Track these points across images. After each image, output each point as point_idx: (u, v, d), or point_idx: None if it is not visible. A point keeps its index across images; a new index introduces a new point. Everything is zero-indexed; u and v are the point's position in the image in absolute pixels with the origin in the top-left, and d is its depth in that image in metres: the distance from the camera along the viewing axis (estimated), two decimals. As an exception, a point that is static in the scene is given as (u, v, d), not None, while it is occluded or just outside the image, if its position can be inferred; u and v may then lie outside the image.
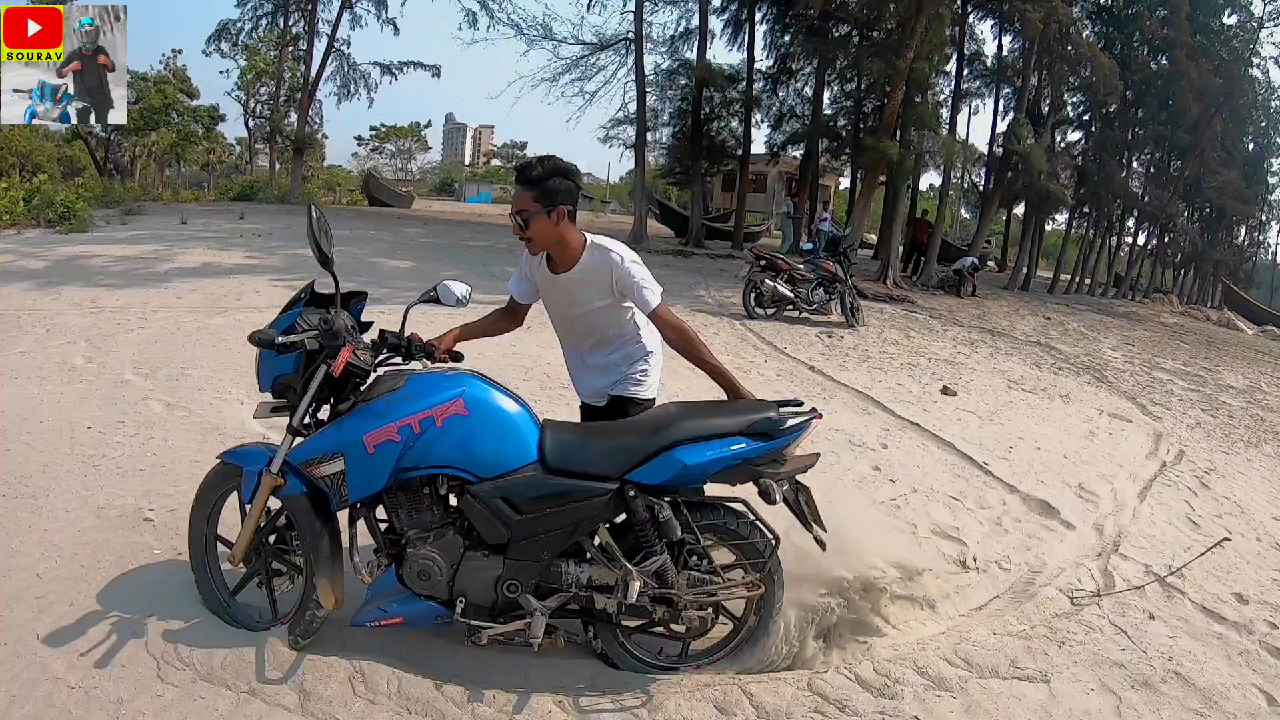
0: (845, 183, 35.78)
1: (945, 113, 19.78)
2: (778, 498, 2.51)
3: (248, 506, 2.58)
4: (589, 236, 2.70)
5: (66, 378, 5.26)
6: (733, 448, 2.46)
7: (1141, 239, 28.97)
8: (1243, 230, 38.00)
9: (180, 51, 32.41)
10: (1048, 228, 26.91)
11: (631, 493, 2.46)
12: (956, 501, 4.53)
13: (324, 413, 2.58)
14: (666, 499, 2.50)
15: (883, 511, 4.21)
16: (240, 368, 5.71)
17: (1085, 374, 9.84)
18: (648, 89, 20.52)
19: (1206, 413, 8.51)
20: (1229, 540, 4.38)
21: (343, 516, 2.59)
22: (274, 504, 2.65)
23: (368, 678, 2.48)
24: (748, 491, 2.59)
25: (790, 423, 2.55)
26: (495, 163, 74.79)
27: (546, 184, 2.56)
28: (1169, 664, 3.08)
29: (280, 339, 2.38)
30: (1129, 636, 3.25)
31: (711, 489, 2.62)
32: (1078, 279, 25.66)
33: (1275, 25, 24.45)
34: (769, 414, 2.53)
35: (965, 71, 20.52)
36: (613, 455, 2.48)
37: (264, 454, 2.58)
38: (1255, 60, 25.45)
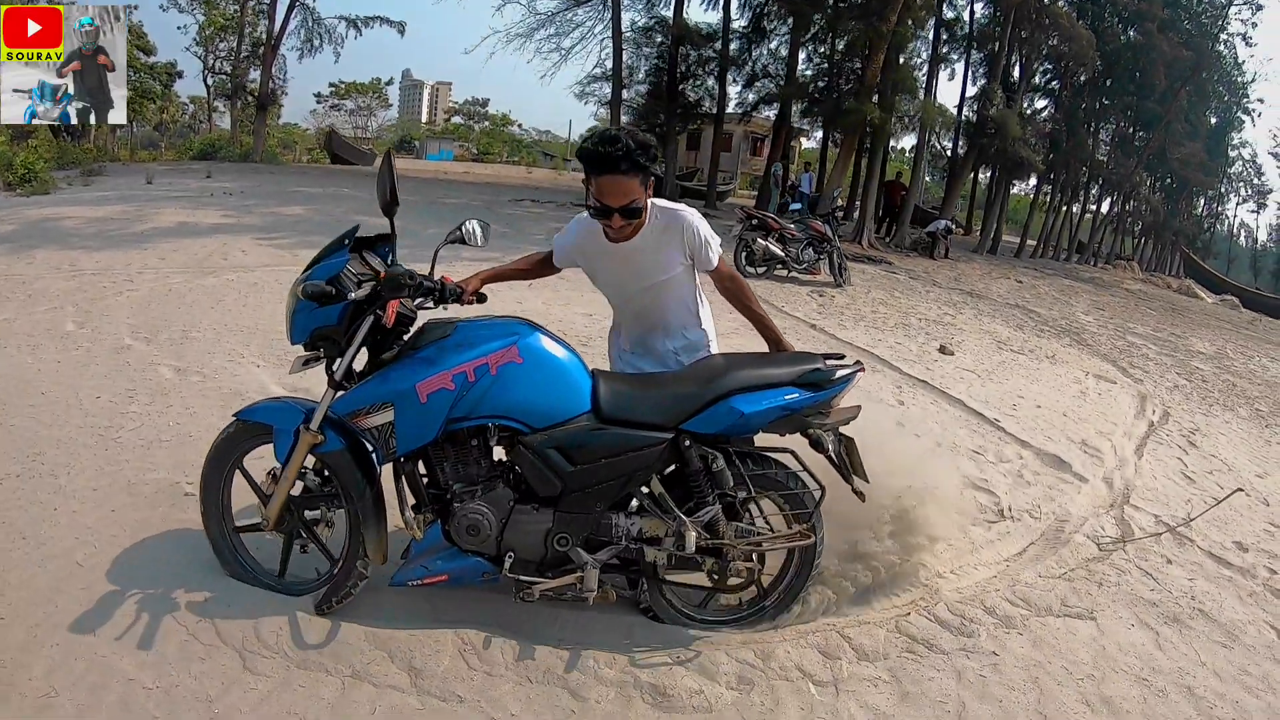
0: (808, 143, 35.94)
1: (920, 76, 19.90)
2: (830, 447, 2.53)
3: (279, 466, 2.47)
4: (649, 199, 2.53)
5: (60, 345, 4.95)
6: (786, 397, 2.47)
7: (1105, 207, 29.72)
8: (1201, 201, 39.11)
9: (136, 7, 31.00)
10: (1011, 192, 27.40)
11: (686, 442, 2.43)
12: (979, 455, 4.73)
13: (357, 363, 2.48)
14: (720, 450, 2.49)
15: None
16: (247, 330, 5.59)
17: (1065, 336, 10.16)
18: (623, 46, 20.31)
19: (1182, 377, 8.87)
20: (1241, 491, 4.64)
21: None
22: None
23: (479, 649, 2.42)
24: (790, 443, 2.62)
25: (838, 374, 2.56)
26: (456, 120, 73.09)
27: (651, 162, 2.39)
28: (1192, 602, 3.33)
29: (352, 296, 2.30)
30: (1154, 579, 3.48)
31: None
32: (1042, 244, 26.24)
33: (1244, 3, 25.00)
34: (818, 365, 2.54)
35: (942, 36, 20.59)
36: (668, 404, 2.45)
37: (292, 409, 2.47)
38: (1223, 37, 26.12)
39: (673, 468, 2.54)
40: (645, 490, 2.52)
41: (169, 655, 2.28)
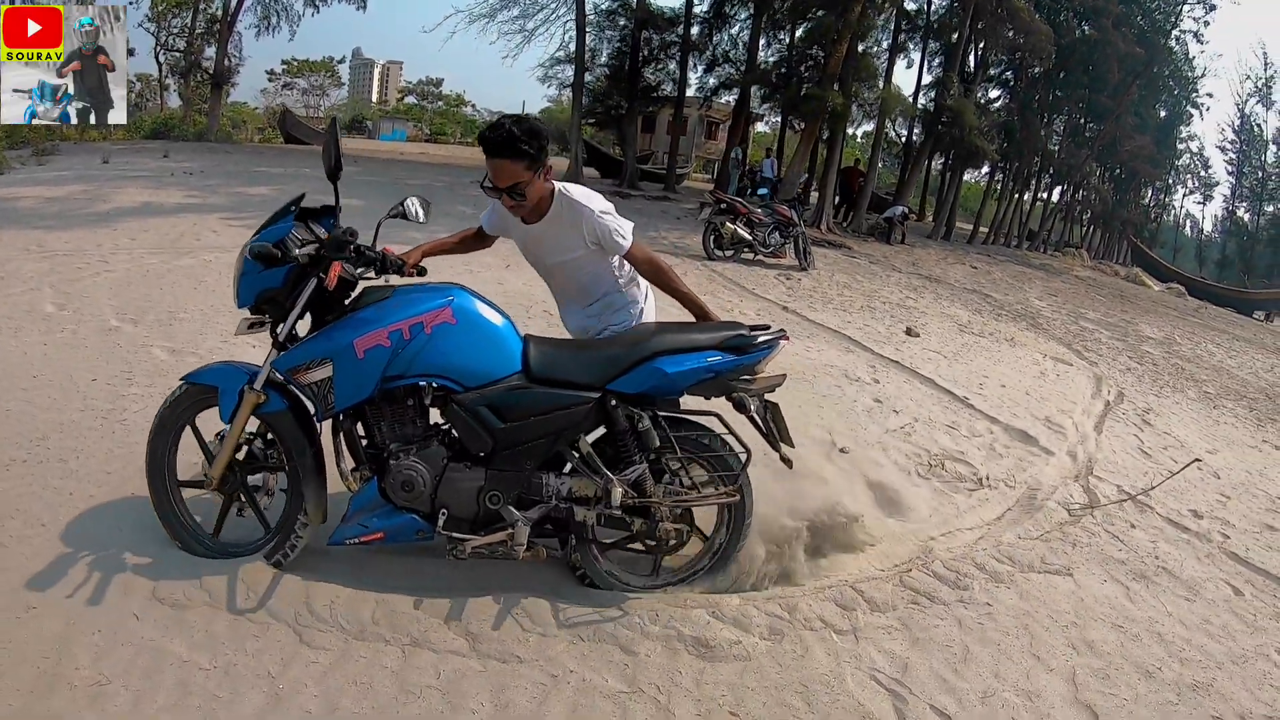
0: (761, 127, 36.20)
1: (879, 65, 20.26)
2: (752, 409, 2.65)
3: (225, 427, 2.54)
4: (556, 185, 2.69)
5: (43, 327, 4.83)
6: (709, 359, 2.57)
7: (1055, 195, 30.60)
8: (1149, 192, 40.35)
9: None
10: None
11: (613, 402, 2.54)
12: (954, 429, 5.03)
13: (301, 330, 2.56)
14: (646, 411, 2.58)
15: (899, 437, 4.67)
16: (235, 311, 5.55)
17: (1022, 320, 10.60)
18: (586, 28, 20.26)
19: (1133, 360, 9.35)
20: (1199, 462, 5.01)
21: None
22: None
23: (530, 611, 2.53)
24: (719, 411, 2.72)
25: (761, 339, 2.65)
26: (410, 100, 71.88)
27: (537, 148, 2.52)
28: (1156, 562, 3.66)
29: (297, 253, 2.40)
30: (1121, 541, 3.81)
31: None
32: (994, 232, 26.95)
33: (1198, 2, 25.88)
34: (741, 331, 2.65)
35: (902, 25, 20.93)
36: (595, 365, 2.57)
37: (238, 372, 2.55)
38: (1175, 34, 26.99)
39: (603, 430, 2.63)
40: (575, 452, 2.61)
41: (220, 635, 2.30)
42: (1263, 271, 40.60)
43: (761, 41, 21.53)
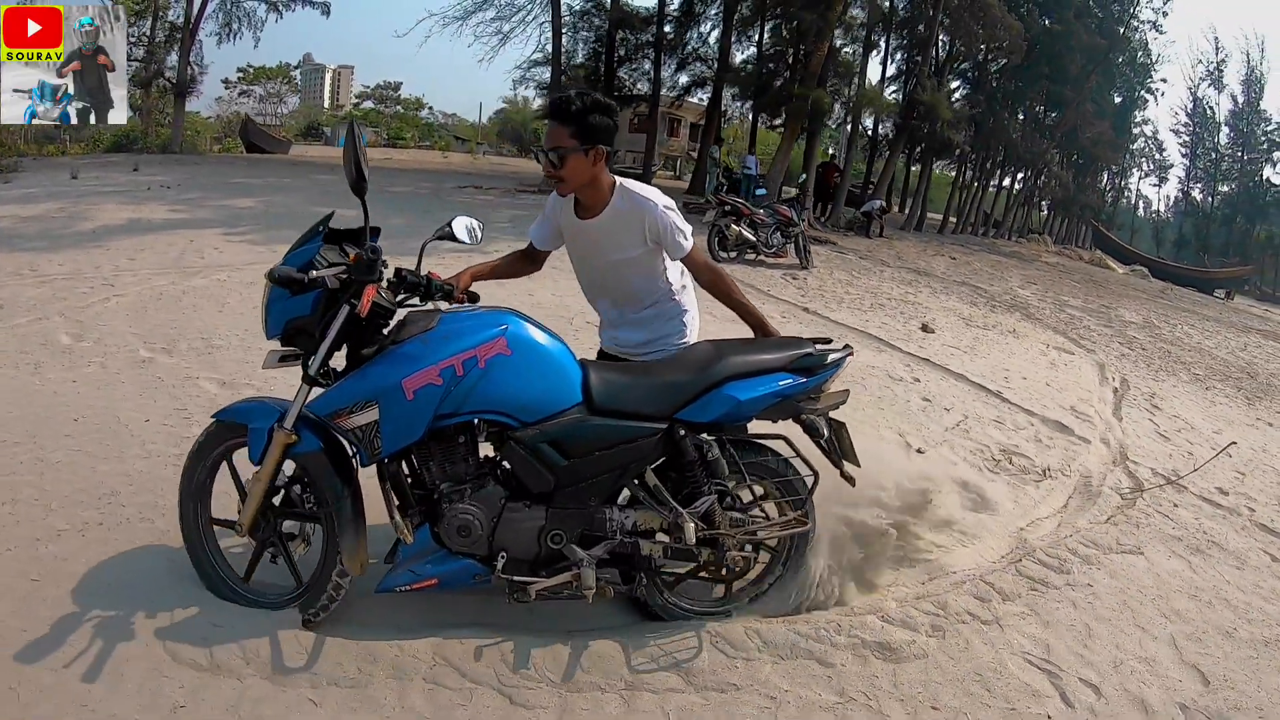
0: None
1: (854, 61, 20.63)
2: (825, 432, 2.55)
3: (254, 469, 2.32)
4: (618, 179, 2.54)
5: (66, 361, 4.42)
6: (780, 383, 2.45)
7: (1017, 183, 31.41)
8: (1105, 176, 41.52)
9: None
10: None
11: (681, 432, 2.40)
12: (1000, 423, 5.24)
13: (335, 360, 2.33)
14: (713, 438, 2.46)
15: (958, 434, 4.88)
16: (277, 337, 5.42)
17: (1016, 311, 10.94)
18: (562, 29, 20.33)
19: (1124, 346, 9.74)
20: (1235, 444, 5.33)
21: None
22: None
23: (726, 638, 2.50)
24: (786, 434, 2.65)
25: (830, 358, 2.55)
26: (368, 104, 70.82)
27: (587, 120, 2.35)
28: (1205, 536, 3.97)
29: (314, 274, 2.16)
30: (1171, 520, 4.11)
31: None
32: (961, 221, 27.61)
33: None
34: (809, 350, 2.53)
35: (874, 22, 21.28)
36: (662, 394, 2.41)
37: (271, 409, 2.33)
38: (1134, 24, 27.98)
39: (665, 458, 2.49)
40: (638, 483, 2.48)
41: (418, 706, 2.13)
42: (1219, 250, 42.13)
43: (732, 39, 21.77)
